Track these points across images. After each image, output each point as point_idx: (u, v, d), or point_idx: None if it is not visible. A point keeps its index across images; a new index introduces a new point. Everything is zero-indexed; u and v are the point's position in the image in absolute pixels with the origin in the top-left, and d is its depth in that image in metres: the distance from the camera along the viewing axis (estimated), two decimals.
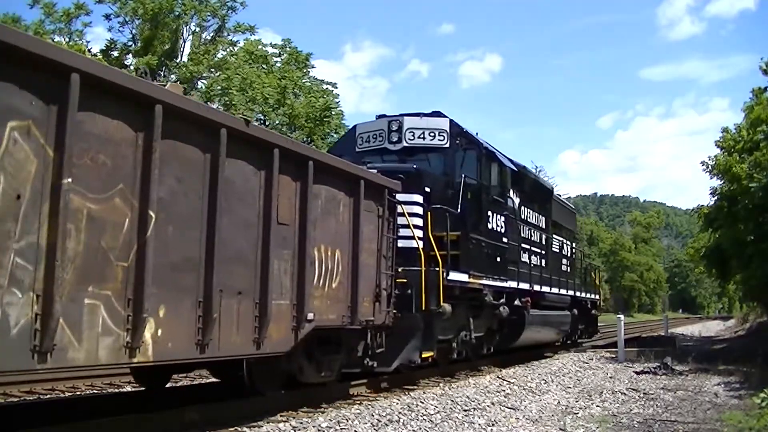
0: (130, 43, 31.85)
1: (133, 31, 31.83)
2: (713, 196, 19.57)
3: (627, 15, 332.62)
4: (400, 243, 9.56)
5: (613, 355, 16.93)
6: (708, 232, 22.32)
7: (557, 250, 18.12)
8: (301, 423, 6.79)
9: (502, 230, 12.86)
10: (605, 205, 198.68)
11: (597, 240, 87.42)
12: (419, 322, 9.81)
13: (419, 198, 10.34)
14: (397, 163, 11.62)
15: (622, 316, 18.65)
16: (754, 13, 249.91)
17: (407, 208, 9.77)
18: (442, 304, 10.05)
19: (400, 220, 9.61)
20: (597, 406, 9.48)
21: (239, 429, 6.73)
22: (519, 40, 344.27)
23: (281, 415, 7.55)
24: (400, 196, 9.53)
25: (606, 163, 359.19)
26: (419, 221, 10.18)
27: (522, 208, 14.99)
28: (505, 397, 9.73)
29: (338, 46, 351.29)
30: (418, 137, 12.00)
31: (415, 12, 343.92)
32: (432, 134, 12.05)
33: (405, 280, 9.65)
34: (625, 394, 10.66)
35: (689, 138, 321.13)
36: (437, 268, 9.91)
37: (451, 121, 12.33)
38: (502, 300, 12.79)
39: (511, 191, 14.04)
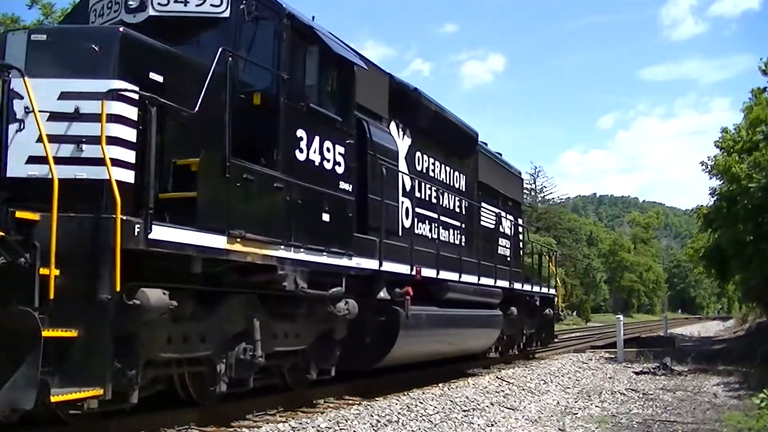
0: None
1: None
2: (712, 197, 19.57)
3: (631, 15, 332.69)
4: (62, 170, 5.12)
5: (613, 356, 16.93)
6: (707, 232, 22.28)
7: (489, 225, 14.06)
8: (300, 423, 6.79)
9: (340, 169, 7.83)
10: (604, 206, 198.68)
11: (596, 240, 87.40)
12: (30, 322, 4.57)
13: (123, 87, 5.51)
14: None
15: (621, 317, 18.66)
16: (758, 13, 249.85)
17: (92, 106, 5.35)
18: (118, 287, 5.08)
19: (88, 128, 5.35)
20: (596, 406, 9.49)
21: (239, 429, 6.73)
22: (522, 40, 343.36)
23: (280, 416, 7.56)
24: (78, 84, 5.45)
25: (607, 163, 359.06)
26: (124, 132, 5.49)
27: (417, 154, 10.89)
28: (504, 397, 9.73)
29: None
30: (176, 1, 7.24)
31: (418, 12, 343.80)
32: None
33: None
34: (624, 394, 10.67)
35: (690, 138, 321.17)
36: (112, 216, 5.08)
37: None
38: (338, 288, 7.76)
39: (396, 125, 10.15)
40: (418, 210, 10.61)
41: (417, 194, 10.65)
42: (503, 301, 13.32)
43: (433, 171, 11.63)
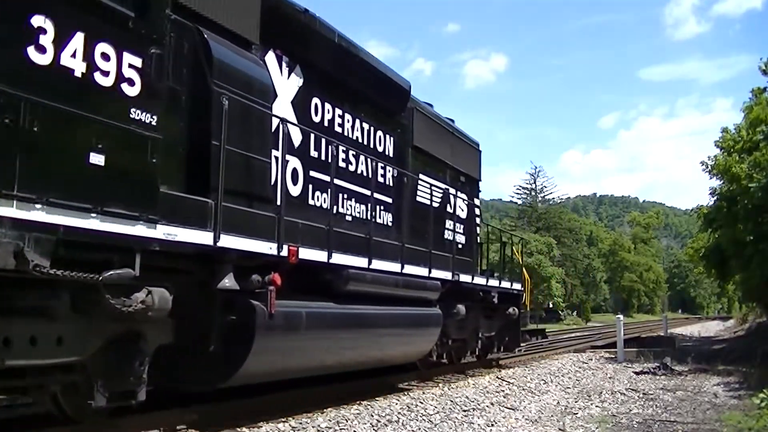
0: None
1: None
2: (713, 197, 19.58)
3: (634, 14, 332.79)
4: None
5: (613, 356, 16.94)
6: (707, 232, 22.30)
7: (429, 203, 10.86)
8: (301, 423, 6.79)
9: (131, 90, 5.10)
10: (604, 206, 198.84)
11: (596, 240, 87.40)
12: None
13: None
14: None
15: (621, 317, 18.67)
16: (761, 12, 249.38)
17: None
18: None
19: None
20: (596, 406, 9.49)
21: (239, 429, 6.73)
22: (525, 40, 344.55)
23: (281, 415, 7.55)
24: None
25: (608, 163, 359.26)
26: None
27: (315, 101, 8.40)
28: (504, 397, 9.74)
29: None
30: None
31: (420, 12, 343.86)
32: None
33: None
34: (624, 394, 10.67)
35: (692, 138, 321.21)
36: None
37: None
38: (124, 270, 5.05)
39: (277, 58, 7.67)
40: (313, 174, 8.02)
41: (312, 153, 8.06)
42: (447, 297, 10.65)
43: (341, 126, 8.89)
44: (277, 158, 7.11)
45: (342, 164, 8.69)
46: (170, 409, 6.72)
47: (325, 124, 8.58)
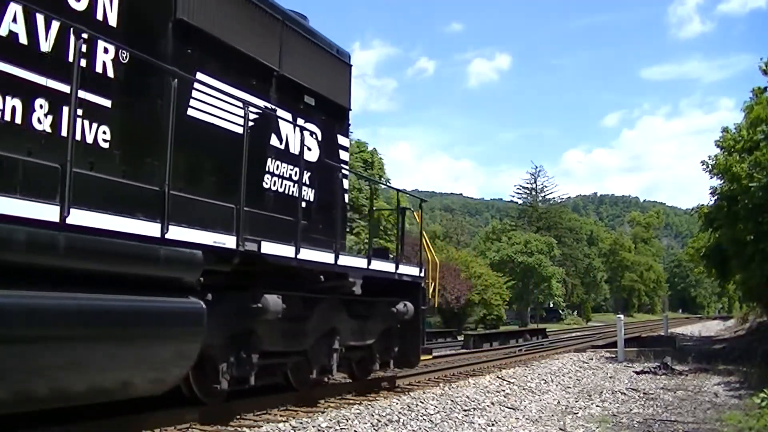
0: None
1: None
2: (713, 196, 19.56)
3: (639, 13, 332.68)
4: None
5: (613, 355, 16.93)
6: (708, 231, 22.28)
7: (214, 121, 7.00)
8: (301, 423, 6.79)
9: None
10: (605, 205, 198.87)
11: (597, 240, 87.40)
12: None
13: None
14: None
15: (621, 316, 18.68)
16: (766, 12, 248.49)
17: None
18: None
19: None
20: (597, 406, 9.49)
21: (239, 429, 6.73)
22: (528, 39, 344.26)
23: (281, 415, 7.56)
24: None
25: (610, 162, 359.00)
26: None
27: None
28: (504, 397, 9.73)
29: (347, 44, 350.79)
30: None
31: (423, 11, 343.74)
32: None
33: None
34: (624, 394, 10.67)
35: (695, 137, 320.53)
36: None
37: None
38: None
39: None
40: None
41: None
42: (248, 282, 7.09)
43: None
44: None
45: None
46: (170, 409, 6.73)
47: None
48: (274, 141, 7.99)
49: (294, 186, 8.09)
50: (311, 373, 8.40)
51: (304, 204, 7.87)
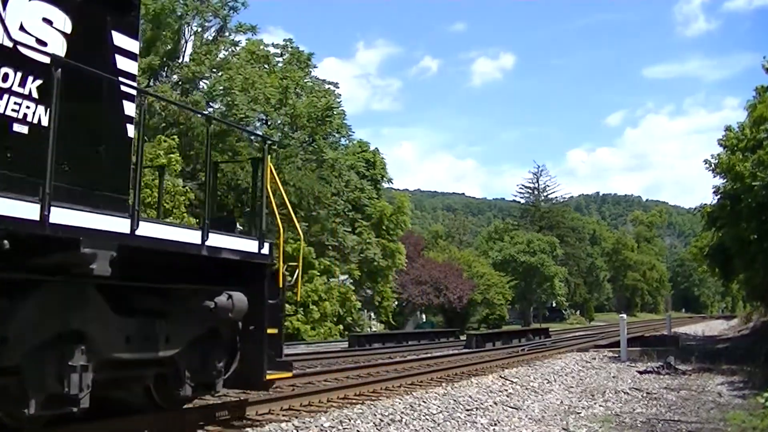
0: None
1: None
2: (716, 195, 19.51)
3: (644, 12, 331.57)
4: None
5: (616, 355, 16.90)
6: (711, 231, 22.24)
7: None
8: (304, 423, 6.78)
9: None
10: (608, 204, 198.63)
11: (599, 239, 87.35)
12: None
13: None
14: None
15: (624, 316, 18.65)
16: None
17: None
18: None
19: None
20: (600, 405, 9.46)
21: (240, 429, 6.72)
22: (532, 38, 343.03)
23: (283, 415, 7.55)
24: None
25: (614, 161, 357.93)
26: None
27: None
28: (507, 396, 9.71)
29: (350, 43, 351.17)
30: None
31: (427, 11, 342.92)
32: None
33: None
34: (627, 393, 10.64)
35: (699, 136, 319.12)
36: None
37: None
38: None
39: None
40: None
41: None
42: None
43: None
44: None
45: None
46: (171, 409, 6.71)
47: None
48: None
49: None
50: (26, 408, 4.83)
51: (22, 128, 4.96)
